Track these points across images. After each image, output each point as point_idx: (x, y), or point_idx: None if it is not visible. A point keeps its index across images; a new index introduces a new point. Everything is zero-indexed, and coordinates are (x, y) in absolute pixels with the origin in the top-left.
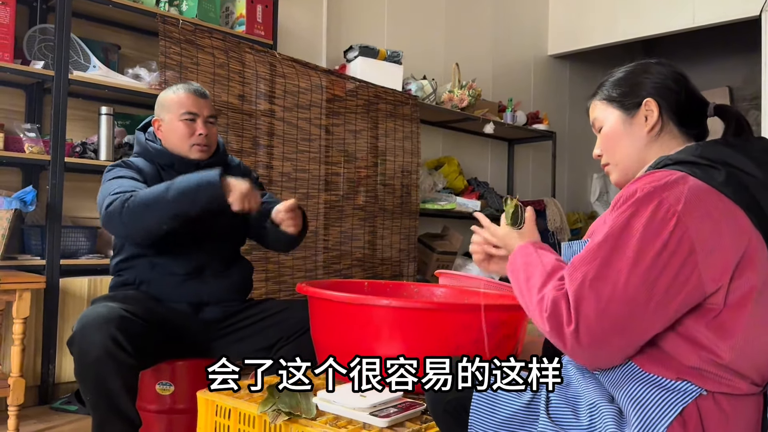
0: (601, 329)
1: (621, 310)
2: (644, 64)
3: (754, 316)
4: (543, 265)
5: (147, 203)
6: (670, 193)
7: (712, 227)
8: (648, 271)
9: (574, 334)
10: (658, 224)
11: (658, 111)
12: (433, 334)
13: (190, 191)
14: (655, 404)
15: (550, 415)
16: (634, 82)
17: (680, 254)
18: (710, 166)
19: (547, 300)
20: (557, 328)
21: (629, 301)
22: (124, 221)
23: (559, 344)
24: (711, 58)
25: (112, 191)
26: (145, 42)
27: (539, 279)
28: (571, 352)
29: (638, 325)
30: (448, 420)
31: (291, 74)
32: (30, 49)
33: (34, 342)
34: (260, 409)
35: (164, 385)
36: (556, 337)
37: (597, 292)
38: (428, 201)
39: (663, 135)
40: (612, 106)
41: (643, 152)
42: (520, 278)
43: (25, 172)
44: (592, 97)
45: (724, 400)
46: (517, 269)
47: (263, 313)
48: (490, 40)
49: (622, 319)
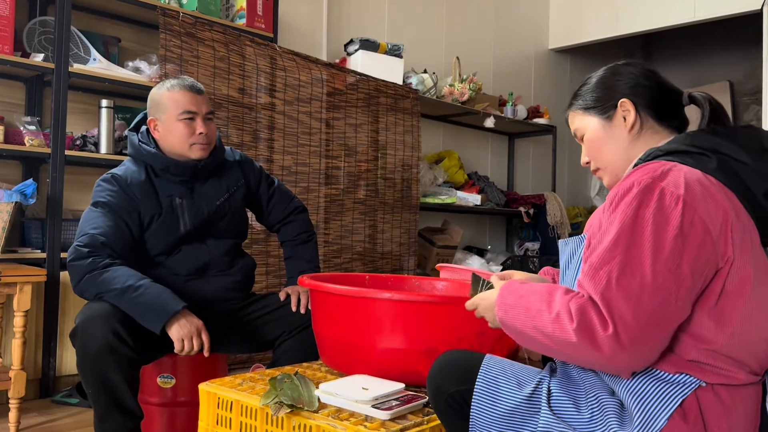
0: (639, 326)
1: (654, 301)
2: (613, 67)
3: (750, 301)
4: (535, 291)
5: (105, 288)
6: (669, 181)
7: (715, 206)
8: (670, 258)
9: (613, 338)
10: (666, 211)
11: (635, 109)
12: (435, 327)
13: (138, 308)
14: (655, 397)
15: (552, 408)
16: (606, 87)
17: (696, 235)
18: (701, 154)
19: (567, 312)
20: (590, 336)
21: (660, 291)
22: (82, 287)
23: (593, 355)
24: (712, 53)
25: (86, 230)
26: (146, 35)
27: (541, 302)
28: (611, 358)
29: (671, 314)
30: (450, 413)
31: (291, 67)
32: (30, 41)
33: (34, 335)
34: (262, 402)
35: (166, 378)
36: (589, 348)
37: (626, 288)
38: (429, 195)
39: (644, 132)
40: (589, 113)
41: (628, 152)
42: (518, 314)
43: (25, 165)
44: (569, 108)
45: (723, 391)
46: (510, 307)
47: (266, 308)
48: (491, 34)
49: (656, 310)
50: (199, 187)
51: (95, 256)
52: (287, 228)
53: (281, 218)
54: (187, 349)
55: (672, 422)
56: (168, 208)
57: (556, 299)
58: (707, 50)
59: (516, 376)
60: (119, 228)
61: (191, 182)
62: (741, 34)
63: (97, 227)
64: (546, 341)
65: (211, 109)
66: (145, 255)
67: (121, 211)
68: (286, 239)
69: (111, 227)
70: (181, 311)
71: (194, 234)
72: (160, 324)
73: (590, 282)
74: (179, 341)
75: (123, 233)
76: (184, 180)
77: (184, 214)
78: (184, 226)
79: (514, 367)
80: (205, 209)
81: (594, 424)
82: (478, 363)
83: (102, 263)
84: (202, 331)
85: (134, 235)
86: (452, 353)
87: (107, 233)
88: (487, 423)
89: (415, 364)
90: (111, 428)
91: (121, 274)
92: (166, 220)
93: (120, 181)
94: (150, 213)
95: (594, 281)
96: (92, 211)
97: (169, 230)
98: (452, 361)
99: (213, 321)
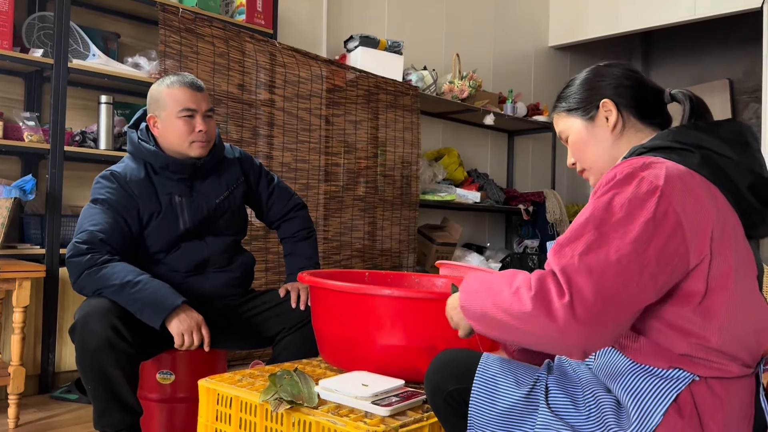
0: (597, 302)
1: (615, 280)
2: (596, 68)
3: (735, 294)
4: (500, 274)
5: (104, 284)
6: (650, 172)
7: (694, 202)
8: (637, 240)
9: (568, 308)
10: (642, 197)
11: (616, 109)
12: (435, 324)
13: (138, 303)
14: (650, 393)
15: (550, 405)
16: (589, 88)
17: (667, 225)
18: (685, 150)
19: (527, 284)
20: (546, 305)
21: (622, 271)
22: (81, 284)
23: (547, 326)
24: (712, 51)
25: (85, 227)
26: (145, 30)
27: (503, 282)
28: (564, 330)
29: (632, 297)
30: (449, 412)
31: (291, 64)
32: (29, 36)
33: (34, 331)
34: (262, 398)
35: (165, 374)
36: (544, 317)
37: (588, 264)
38: (428, 192)
39: (627, 131)
40: (573, 115)
41: (611, 151)
42: (479, 296)
43: (24, 161)
44: (553, 111)
45: (716, 384)
46: (472, 292)
47: (265, 304)
48: (491, 31)
49: (616, 290)
50: (198, 185)
51: (94, 253)
52: (287, 225)
53: (281, 215)
54: (187, 344)
55: (668, 417)
56: (167, 206)
57: (518, 277)
58: (707, 48)
59: (514, 375)
60: (118, 225)
61: (191, 180)
62: (741, 32)
63: (96, 224)
64: (505, 317)
65: (211, 106)
66: (144, 252)
67: (120, 208)
68: (285, 236)
69: (110, 224)
70: (180, 306)
71: (193, 232)
72: (159, 319)
73: (554, 257)
74: (179, 336)
75: (122, 230)
76: (184, 178)
77: (183, 212)
78: (183, 224)
79: (512, 366)
80: (204, 207)
81: (591, 422)
82: (476, 361)
83: (100, 260)
84: (202, 326)
85: (133, 233)
86: (450, 352)
87: (106, 230)
88: (485, 421)
89: (414, 360)
90: (110, 424)
91: (120, 269)
92: (166, 218)
93: (119, 178)
94: (149, 211)
95: (558, 256)
96: (91, 207)
97: (168, 228)
98: (450, 360)
99: (212, 317)
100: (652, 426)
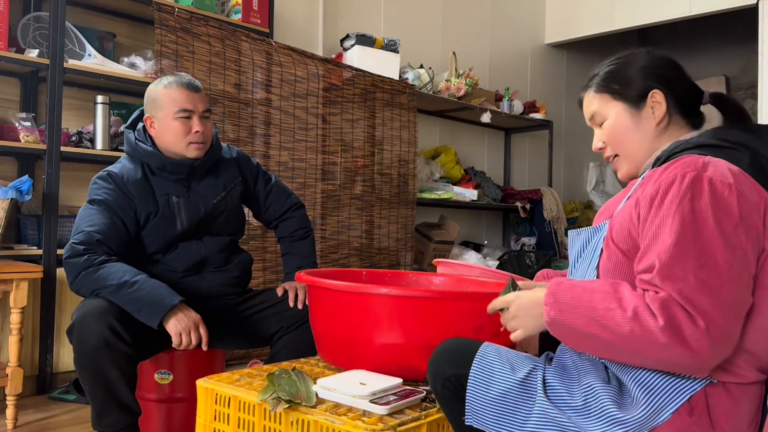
0: (725, 320)
1: (732, 293)
2: (636, 53)
3: None
4: (595, 289)
5: (101, 284)
6: (713, 172)
7: (758, 195)
8: (738, 247)
9: (704, 334)
10: (721, 199)
11: (666, 102)
12: (433, 323)
13: (135, 303)
14: (663, 390)
15: (547, 393)
16: (632, 73)
17: (753, 222)
18: (732, 149)
19: (647, 310)
20: (680, 335)
21: (736, 281)
22: (78, 284)
23: (681, 354)
24: (707, 47)
25: (82, 228)
26: (141, 30)
27: (607, 300)
28: (701, 355)
29: (746, 305)
30: (447, 395)
31: (287, 63)
32: (24, 37)
33: (31, 332)
34: (260, 397)
35: (163, 374)
36: (678, 346)
37: (704, 283)
38: (425, 190)
39: (671, 126)
40: (614, 99)
41: (652, 144)
42: (580, 314)
43: (20, 162)
44: (585, 89)
45: (734, 388)
46: (568, 306)
47: (263, 303)
48: (488, 29)
49: (735, 302)
50: (195, 185)
51: (91, 254)
52: (284, 224)
53: (278, 215)
54: (185, 343)
55: (676, 415)
56: (164, 206)
57: (626, 296)
58: (703, 45)
59: (510, 362)
60: (115, 225)
61: (188, 181)
62: (737, 28)
63: (93, 224)
64: (617, 341)
65: (208, 106)
66: (141, 252)
67: (117, 208)
68: (283, 236)
69: (107, 224)
70: (178, 305)
71: (191, 232)
72: (157, 318)
73: (666, 278)
74: (177, 335)
75: (119, 231)
76: (181, 178)
77: (180, 213)
78: (180, 225)
79: (510, 354)
80: (201, 208)
81: (588, 408)
82: (475, 349)
83: (98, 260)
84: (199, 325)
85: (130, 233)
86: (453, 340)
87: (103, 230)
88: (482, 406)
89: (412, 359)
90: (108, 424)
91: (117, 270)
92: (163, 219)
93: (116, 178)
94: (146, 211)
95: (670, 278)
96: (88, 208)
97: (165, 229)
98: (452, 347)
99: (210, 317)
100: (658, 421)
